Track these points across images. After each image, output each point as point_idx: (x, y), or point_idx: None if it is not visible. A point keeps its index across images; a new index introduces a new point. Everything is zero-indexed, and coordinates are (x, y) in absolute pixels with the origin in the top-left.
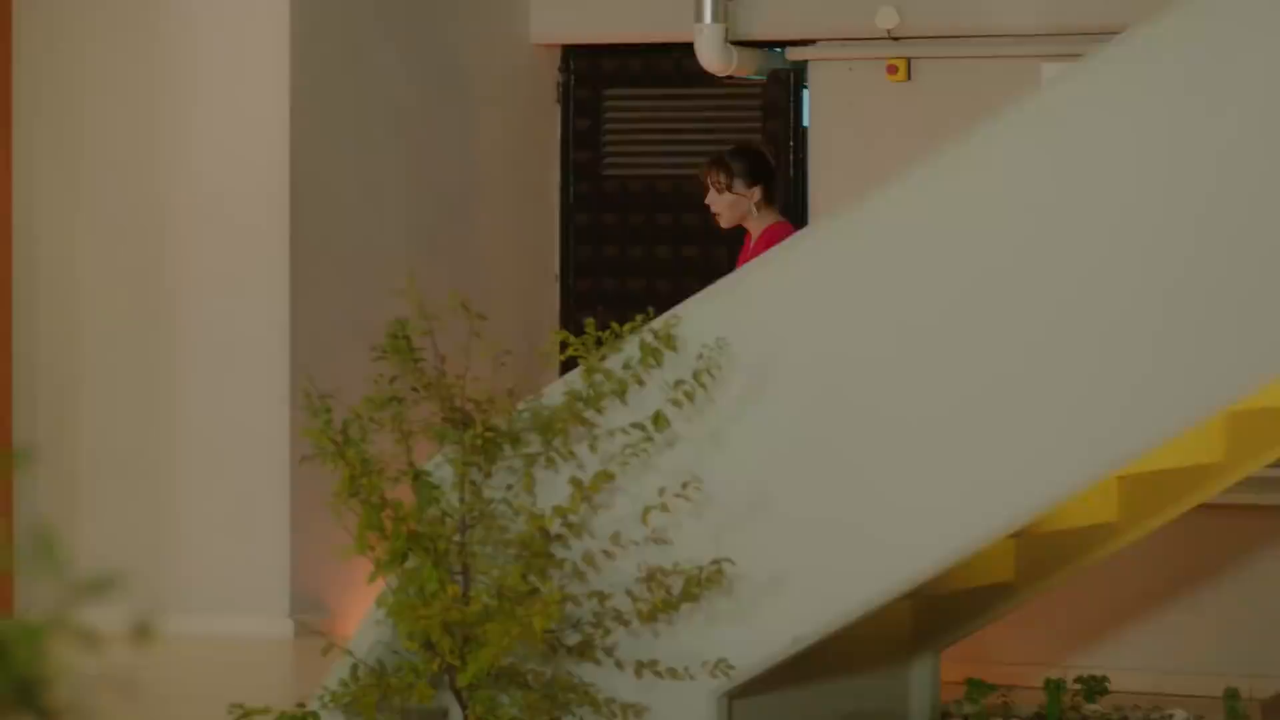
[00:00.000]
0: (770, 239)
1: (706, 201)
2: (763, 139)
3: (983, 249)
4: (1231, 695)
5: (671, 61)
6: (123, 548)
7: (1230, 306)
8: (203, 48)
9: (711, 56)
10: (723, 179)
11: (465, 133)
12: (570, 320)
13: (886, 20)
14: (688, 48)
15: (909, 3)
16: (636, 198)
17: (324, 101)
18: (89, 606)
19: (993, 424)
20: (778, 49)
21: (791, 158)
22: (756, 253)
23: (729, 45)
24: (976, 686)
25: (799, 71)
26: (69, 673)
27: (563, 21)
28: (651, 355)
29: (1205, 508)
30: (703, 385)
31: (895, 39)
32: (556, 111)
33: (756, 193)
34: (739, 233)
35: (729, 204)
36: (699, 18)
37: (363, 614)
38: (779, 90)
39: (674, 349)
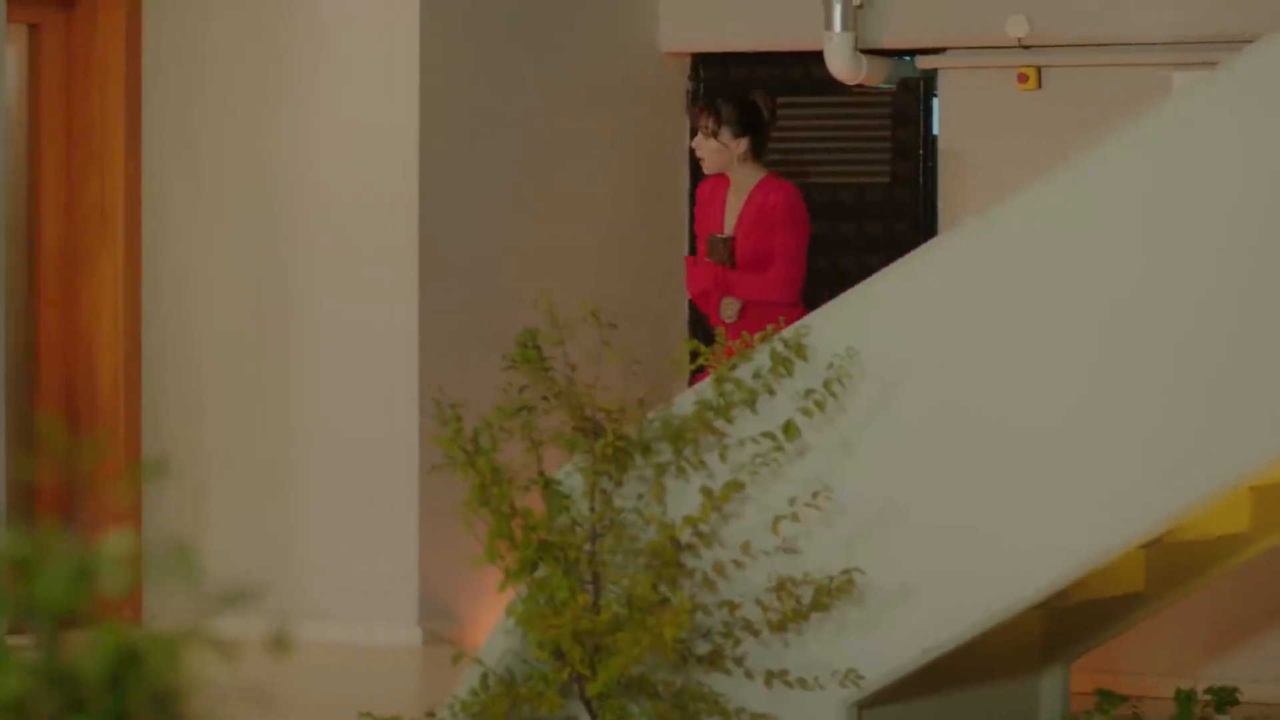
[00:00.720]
0: (767, 194)
1: (692, 145)
2: (891, 145)
3: (1114, 256)
4: None
5: (801, 70)
6: (251, 557)
7: None
8: (331, 56)
9: (841, 65)
10: (710, 124)
11: (594, 141)
12: (699, 329)
13: (1017, 29)
14: (817, 56)
15: (1040, 11)
16: None
17: (453, 110)
18: (224, 617)
19: (1124, 432)
20: (907, 57)
21: (921, 166)
22: (752, 207)
23: (858, 53)
24: (1107, 697)
25: (929, 80)
26: (204, 683)
27: (692, 29)
28: (782, 365)
29: None
30: (833, 394)
31: (1026, 47)
32: (685, 119)
33: (743, 144)
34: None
35: (713, 150)
36: (829, 26)
37: (492, 623)
38: (908, 99)
39: (804, 358)
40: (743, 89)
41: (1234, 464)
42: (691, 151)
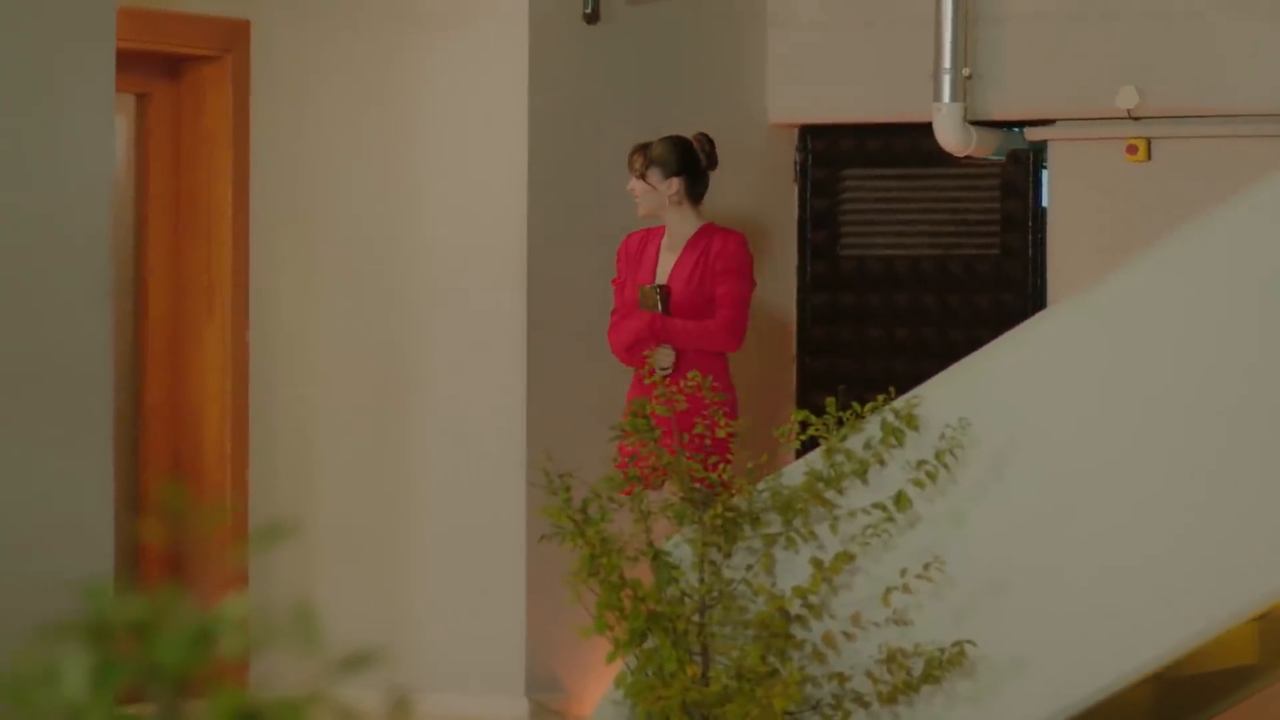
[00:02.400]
0: (711, 240)
1: (629, 187)
2: (1000, 217)
3: (1227, 326)
4: None
5: (909, 141)
6: (358, 628)
7: None
8: (440, 126)
9: (950, 136)
10: (639, 164)
11: (702, 212)
12: (807, 401)
13: (1127, 100)
14: (926, 128)
15: (1149, 82)
16: (874, 278)
17: (561, 180)
18: (342, 683)
19: (1236, 504)
20: (1016, 129)
21: (1030, 238)
22: (692, 255)
23: (967, 125)
24: None
25: (1038, 151)
26: None
27: (800, 102)
28: (893, 435)
29: None
30: (945, 465)
31: (1135, 119)
32: (794, 191)
33: (674, 185)
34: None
35: (642, 191)
36: (937, 97)
37: (598, 695)
38: (1017, 170)
39: (915, 429)
40: (850, 161)
41: None
42: (800, 220)
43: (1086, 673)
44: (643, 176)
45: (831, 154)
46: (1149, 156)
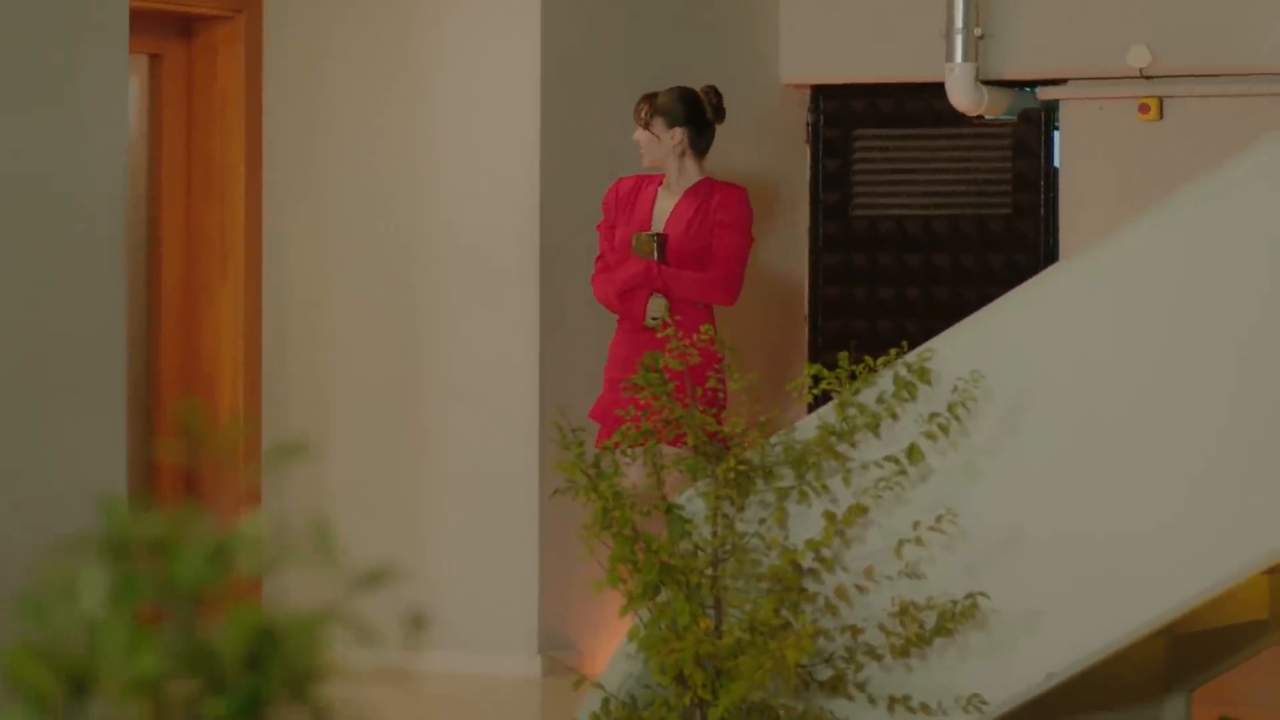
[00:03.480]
0: (712, 192)
1: (635, 137)
2: (1012, 177)
3: (1239, 278)
4: None
5: (921, 101)
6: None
7: None
8: (452, 84)
9: (962, 96)
10: (643, 113)
11: (714, 170)
12: (820, 361)
13: (1139, 59)
14: (938, 88)
15: (1161, 41)
16: (886, 238)
17: (574, 141)
18: (359, 600)
19: (1249, 456)
20: (1028, 89)
21: (1043, 198)
22: (691, 205)
23: (979, 85)
24: None
25: (1050, 111)
26: (341, 667)
27: (813, 62)
28: (906, 389)
29: None
30: (957, 418)
31: (1147, 78)
32: (806, 152)
33: (677, 135)
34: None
35: (646, 141)
36: (949, 58)
37: (610, 653)
38: (1029, 130)
39: (928, 382)
40: (862, 121)
41: None
42: (812, 181)
43: (1099, 626)
44: (647, 126)
45: (844, 114)
46: (1161, 115)
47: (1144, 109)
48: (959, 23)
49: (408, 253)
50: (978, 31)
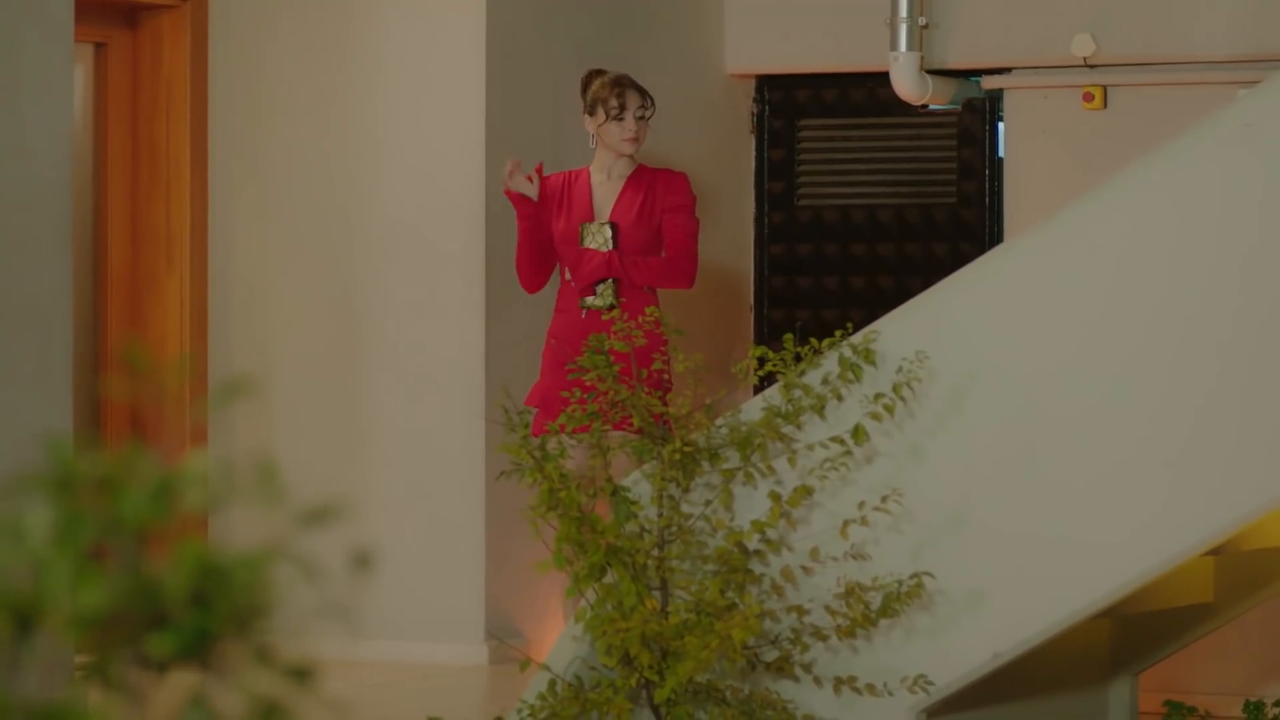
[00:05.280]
0: (656, 179)
1: (632, 131)
2: (957, 166)
3: (1181, 259)
4: None
5: (866, 91)
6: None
7: None
8: (397, 73)
9: (906, 86)
10: (647, 104)
11: (659, 159)
12: (764, 336)
13: (1083, 48)
14: (882, 77)
15: (1105, 30)
16: (831, 228)
17: (518, 130)
18: (303, 537)
19: (1191, 437)
20: (973, 78)
21: (987, 187)
22: (638, 192)
23: (924, 74)
24: (1176, 709)
25: (994, 100)
26: (287, 604)
27: (757, 52)
28: (850, 370)
29: None
30: (902, 399)
31: (1091, 66)
32: (751, 141)
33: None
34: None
35: (641, 132)
36: (894, 46)
37: (556, 640)
38: (974, 119)
39: (873, 363)
40: (807, 111)
41: None
42: (757, 171)
43: (1044, 607)
44: (648, 117)
45: (788, 104)
46: (1105, 104)
47: (1088, 98)
48: (903, 11)
49: (354, 239)
50: (922, 20)
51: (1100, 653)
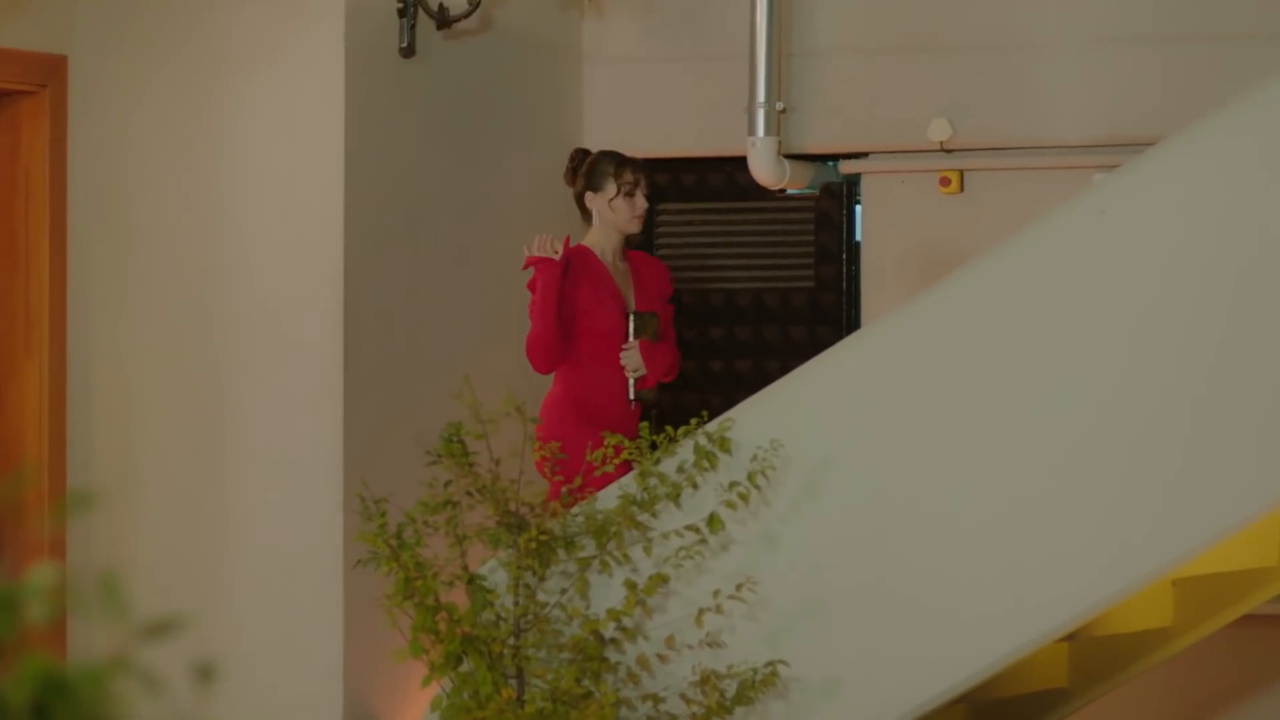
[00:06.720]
0: (650, 263)
1: (641, 209)
2: (815, 250)
3: (1030, 351)
4: None
5: (724, 175)
6: (177, 659)
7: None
8: (256, 158)
9: (764, 170)
10: (648, 183)
11: (518, 244)
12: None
13: (939, 132)
14: (740, 161)
15: (962, 115)
16: (690, 312)
17: (377, 213)
18: (149, 649)
19: (1041, 526)
20: (830, 162)
21: (845, 271)
22: (646, 277)
23: (781, 159)
24: None
25: (852, 184)
26: (131, 716)
27: (615, 135)
28: (706, 458)
29: (1260, 619)
30: (757, 487)
31: (948, 151)
32: None
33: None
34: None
35: (643, 211)
36: (752, 131)
37: None
38: (832, 203)
39: (728, 452)
40: (665, 195)
41: (1147, 561)
42: None
43: (899, 693)
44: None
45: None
46: (962, 189)
47: (945, 182)
48: (761, 96)
49: (212, 324)
50: (780, 105)
51: None
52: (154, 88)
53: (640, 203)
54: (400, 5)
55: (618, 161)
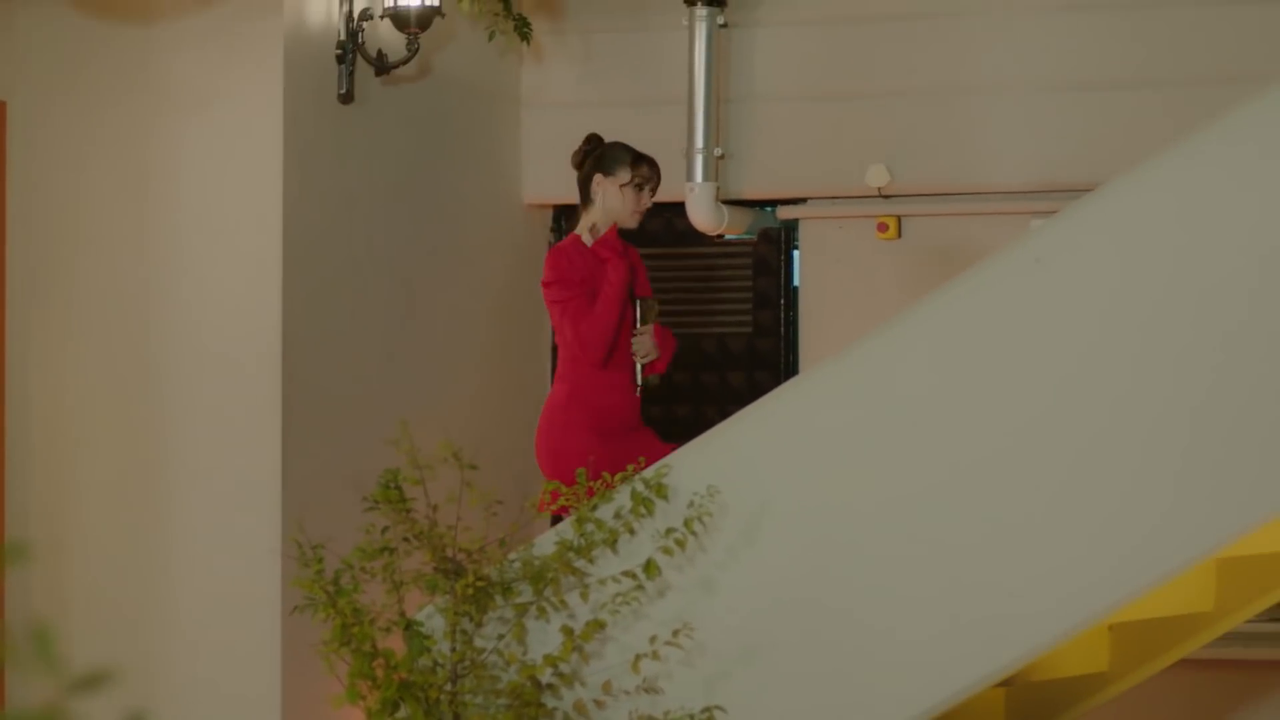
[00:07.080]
0: (631, 251)
1: (647, 202)
2: (753, 295)
3: (965, 396)
4: None
5: (663, 221)
6: (111, 703)
7: (1191, 455)
8: (199, 210)
9: (702, 216)
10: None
11: (458, 290)
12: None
13: (877, 178)
14: (679, 207)
15: (899, 161)
16: None
17: (317, 258)
18: (83, 700)
19: (977, 570)
20: (768, 208)
21: (783, 316)
22: (633, 263)
23: (720, 204)
24: None
25: (790, 230)
26: None
27: (554, 182)
28: (643, 504)
29: (1195, 663)
30: (694, 533)
31: (885, 197)
32: None
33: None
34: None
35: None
36: (690, 177)
37: None
38: (769, 249)
39: (665, 498)
40: None
41: (1082, 606)
42: None
43: None
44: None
45: None
46: (900, 234)
47: (883, 228)
48: (699, 142)
49: (151, 370)
50: (718, 151)
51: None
52: (94, 131)
53: (646, 200)
54: (339, 52)
55: (635, 154)
